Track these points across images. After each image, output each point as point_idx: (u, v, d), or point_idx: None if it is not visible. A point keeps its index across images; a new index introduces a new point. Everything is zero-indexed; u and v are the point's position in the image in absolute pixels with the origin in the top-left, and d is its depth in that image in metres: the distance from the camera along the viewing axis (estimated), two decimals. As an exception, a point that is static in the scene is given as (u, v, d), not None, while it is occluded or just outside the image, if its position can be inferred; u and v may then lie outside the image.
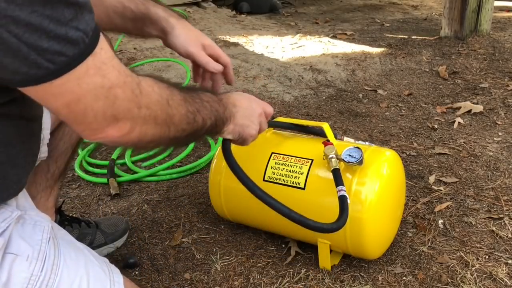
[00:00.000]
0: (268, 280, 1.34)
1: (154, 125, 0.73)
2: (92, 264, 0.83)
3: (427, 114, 2.49)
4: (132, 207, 1.71)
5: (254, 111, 1.03)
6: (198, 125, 0.82)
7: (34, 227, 0.76)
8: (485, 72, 3.04)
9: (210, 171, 1.49)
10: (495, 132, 2.24)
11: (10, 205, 0.75)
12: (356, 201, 1.24)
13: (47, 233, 0.76)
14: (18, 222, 0.75)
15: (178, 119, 0.77)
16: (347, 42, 3.79)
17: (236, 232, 1.56)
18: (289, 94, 2.79)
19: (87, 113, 0.65)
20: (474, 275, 1.33)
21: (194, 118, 0.81)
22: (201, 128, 0.84)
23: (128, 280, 0.89)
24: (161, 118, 0.74)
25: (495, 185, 1.77)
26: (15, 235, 0.73)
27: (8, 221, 0.72)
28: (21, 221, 0.75)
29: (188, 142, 0.85)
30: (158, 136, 0.75)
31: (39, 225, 0.77)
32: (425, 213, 1.62)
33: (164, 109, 0.74)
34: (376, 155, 1.34)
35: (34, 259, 0.72)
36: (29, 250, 0.72)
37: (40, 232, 0.76)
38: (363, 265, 1.38)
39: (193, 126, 0.81)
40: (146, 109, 0.70)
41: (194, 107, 0.81)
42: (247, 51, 3.54)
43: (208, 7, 4.79)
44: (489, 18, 3.65)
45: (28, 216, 0.77)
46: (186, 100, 0.79)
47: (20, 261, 0.71)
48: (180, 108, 0.77)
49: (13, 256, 0.71)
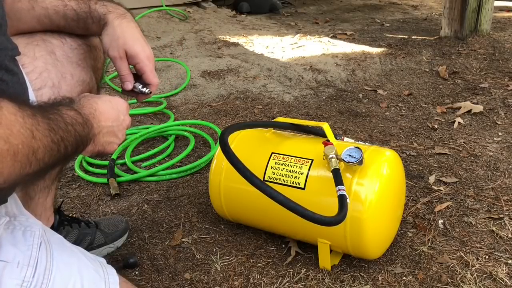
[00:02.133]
0: (268, 280, 1.34)
1: (13, 162, 0.60)
2: (86, 267, 0.82)
3: (427, 114, 2.49)
4: (132, 207, 1.71)
5: (121, 123, 0.92)
6: (61, 155, 0.70)
7: (24, 233, 0.75)
8: (485, 72, 3.04)
9: (210, 171, 1.49)
10: (495, 132, 2.24)
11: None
12: (356, 201, 1.24)
13: (38, 238, 0.75)
14: (8, 228, 0.74)
15: (42, 153, 0.65)
16: (347, 42, 3.79)
17: (236, 232, 1.56)
18: (289, 94, 2.79)
19: None
20: (474, 275, 1.33)
21: (58, 149, 0.68)
22: (63, 158, 0.72)
23: (125, 281, 0.89)
24: (22, 153, 0.61)
25: (495, 185, 1.77)
26: (5, 242, 0.72)
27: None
28: (10, 227, 0.74)
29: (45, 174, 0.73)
30: (15, 175, 0.62)
31: (29, 231, 0.76)
32: (425, 213, 1.62)
33: (27, 143, 0.62)
34: (376, 155, 1.34)
35: (25, 265, 0.71)
36: (19, 256, 0.71)
37: (31, 237, 0.75)
38: (363, 265, 1.38)
39: (56, 157, 0.69)
40: (3, 143, 0.58)
41: (59, 135, 0.69)
42: (247, 51, 3.54)
43: (208, 7, 4.80)
44: (489, 18, 3.64)
45: (17, 222, 0.76)
46: (51, 129, 0.67)
47: (10, 268, 0.70)
48: (44, 140, 0.65)
49: (3, 264, 0.70)
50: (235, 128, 1.34)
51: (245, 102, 2.68)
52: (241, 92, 2.82)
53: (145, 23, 3.98)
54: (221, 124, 2.38)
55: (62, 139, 0.70)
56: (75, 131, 0.74)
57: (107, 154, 0.95)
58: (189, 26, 4.16)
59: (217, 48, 3.60)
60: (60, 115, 0.72)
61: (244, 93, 2.80)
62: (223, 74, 3.06)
